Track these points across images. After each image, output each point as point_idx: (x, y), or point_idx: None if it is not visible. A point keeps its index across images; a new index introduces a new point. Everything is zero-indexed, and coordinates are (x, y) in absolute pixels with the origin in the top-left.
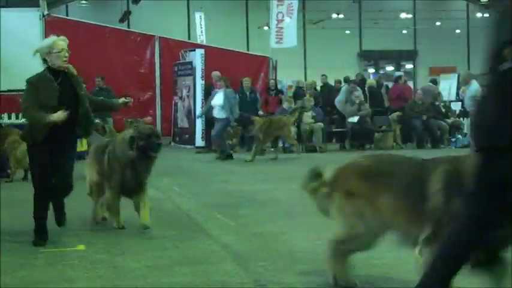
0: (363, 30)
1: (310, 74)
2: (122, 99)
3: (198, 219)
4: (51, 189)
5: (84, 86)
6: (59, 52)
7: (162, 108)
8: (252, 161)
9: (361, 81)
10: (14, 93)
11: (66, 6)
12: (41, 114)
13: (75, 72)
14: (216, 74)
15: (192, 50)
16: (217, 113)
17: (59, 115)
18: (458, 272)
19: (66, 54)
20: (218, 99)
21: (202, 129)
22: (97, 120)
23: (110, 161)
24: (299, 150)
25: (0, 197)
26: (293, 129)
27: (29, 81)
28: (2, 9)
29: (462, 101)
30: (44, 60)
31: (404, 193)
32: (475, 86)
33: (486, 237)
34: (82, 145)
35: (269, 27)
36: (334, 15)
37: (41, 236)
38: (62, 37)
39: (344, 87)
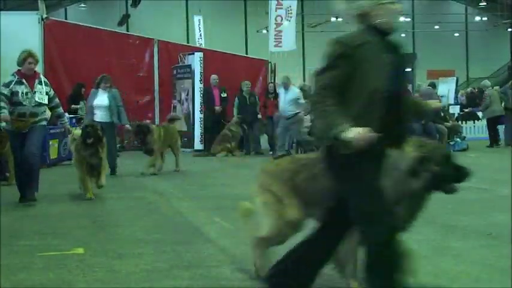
0: None
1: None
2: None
3: (197, 223)
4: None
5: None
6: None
7: (161, 111)
8: (147, 173)
9: None
10: None
11: (65, 10)
12: (342, 121)
13: None
14: (214, 77)
15: (190, 53)
16: (102, 117)
17: (364, 135)
18: None
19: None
20: (101, 100)
21: (201, 133)
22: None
23: None
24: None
25: (0, 199)
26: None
27: (353, 45)
28: (0, 12)
29: (461, 104)
30: (361, 17)
31: None
32: (294, 92)
33: None
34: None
35: (268, 31)
36: (333, 19)
37: None
38: None
39: None
